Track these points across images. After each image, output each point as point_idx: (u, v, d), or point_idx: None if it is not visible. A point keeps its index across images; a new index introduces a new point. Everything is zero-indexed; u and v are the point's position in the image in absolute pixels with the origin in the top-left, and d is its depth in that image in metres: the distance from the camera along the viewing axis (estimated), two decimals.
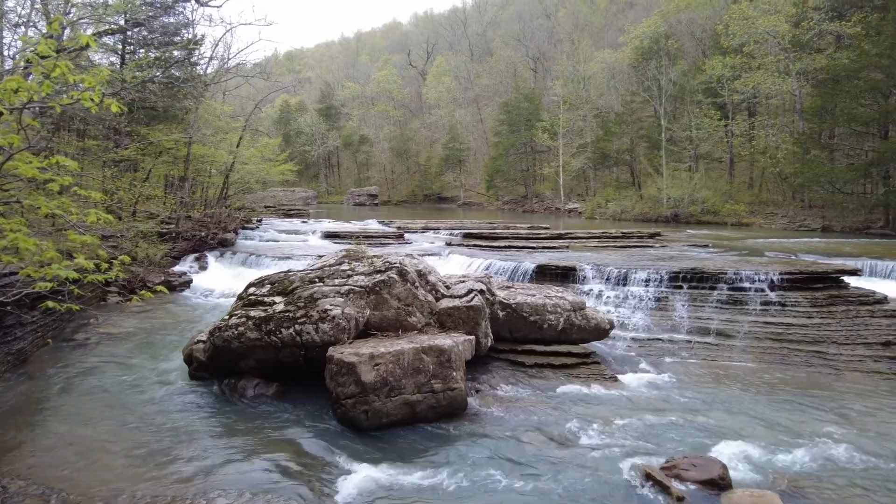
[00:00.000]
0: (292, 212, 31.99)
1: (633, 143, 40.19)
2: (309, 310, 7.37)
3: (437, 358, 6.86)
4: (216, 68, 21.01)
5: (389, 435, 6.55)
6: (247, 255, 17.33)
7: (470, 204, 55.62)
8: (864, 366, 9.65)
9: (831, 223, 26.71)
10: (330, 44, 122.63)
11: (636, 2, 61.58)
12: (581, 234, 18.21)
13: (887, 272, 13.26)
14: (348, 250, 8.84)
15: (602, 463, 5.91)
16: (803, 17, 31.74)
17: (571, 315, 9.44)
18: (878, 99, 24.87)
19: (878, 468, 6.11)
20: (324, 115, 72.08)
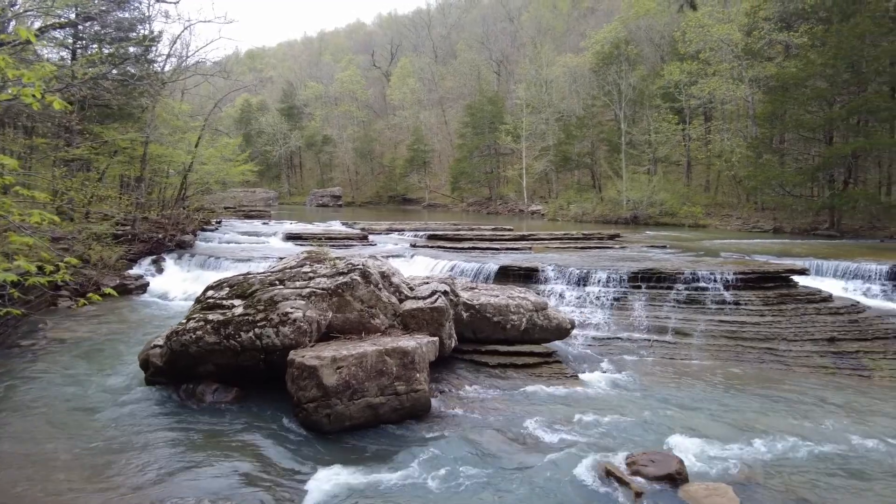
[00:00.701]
0: (253, 213, 31.44)
1: (593, 147, 40.93)
2: (269, 313, 7.25)
3: (400, 360, 6.84)
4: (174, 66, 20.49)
5: (352, 438, 6.50)
6: (206, 257, 16.95)
7: (435, 205, 55.64)
8: (811, 361, 10.06)
9: (782, 224, 27.74)
10: (292, 43, 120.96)
11: (597, 7, 62.73)
12: (543, 235, 18.45)
13: (832, 271, 13.84)
14: (310, 252, 8.73)
15: (563, 460, 5.99)
16: (755, 26, 32.88)
17: (534, 315, 9.55)
18: (823, 106, 25.95)
19: (824, 457, 6.38)
20: (286, 115, 71.02)
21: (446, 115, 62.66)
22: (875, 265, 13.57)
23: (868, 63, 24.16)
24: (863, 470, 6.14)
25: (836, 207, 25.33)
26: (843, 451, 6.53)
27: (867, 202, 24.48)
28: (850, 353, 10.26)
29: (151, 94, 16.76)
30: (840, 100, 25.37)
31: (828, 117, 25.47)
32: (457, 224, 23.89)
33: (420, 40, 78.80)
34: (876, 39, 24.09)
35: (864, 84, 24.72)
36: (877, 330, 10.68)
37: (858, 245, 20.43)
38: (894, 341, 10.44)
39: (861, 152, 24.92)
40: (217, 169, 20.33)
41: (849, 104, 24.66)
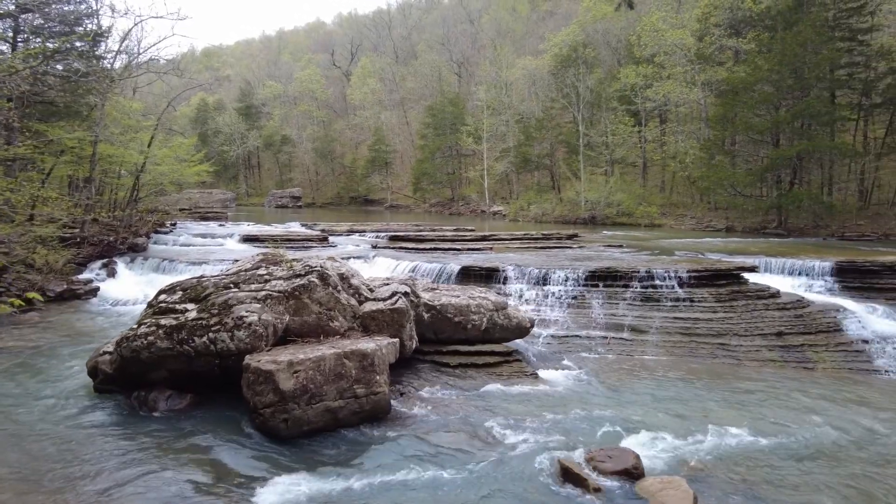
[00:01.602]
0: (209, 214, 30.67)
1: (552, 148, 41.50)
2: (223, 317, 7.08)
3: (359, 362, 6.77)
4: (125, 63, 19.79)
5: (311, 443, 6.40)
6: (160, 260, 16.46)
7: (397, 206, 55.40)
8: (760, 355, 10.44)
9: (734, 224, 28.71)
10: (251, 42, 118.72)
11: (556, 11, 63.64)
12: (504, 235, 18.58)
13: (780, 269, 14.39)
14: (266, 254, 8.56)
15: (522, 459, 6.04)
16: (706, 32, 33.95)
17: (494, 315, 9.61)
18: (770, 110, 26.98)
19: (772, 447, 6.61)
20: (243, 115, 69.58)
21: (408, 115, 62.49)
22: (818, 262, 14.17)
23: (810, 69, 25.24)
24: (808, 457, 6.40)
25: (783, 207, 26.36)
26: (790, 441, 6.79)
27: (811, 202, 25.57)
28: (796, 346, 10.69)
29: (100, 91, 16.14)
30: (785, 104, 26.43)
31: (774, 120, 26.49)
32: (419, 225, 23.84)
33: (380, 40, 78.40)
34: (817, 47, 25.20)
35: (807, 89, 25.82)
36: (819, 324, 11.16)
37: (804, 243, 21.33)
38: (835, 334, 10.93)
39: (805, 154, 26.00)
40: (171, 169, 19.72)
41: (793, 108, 25.72)
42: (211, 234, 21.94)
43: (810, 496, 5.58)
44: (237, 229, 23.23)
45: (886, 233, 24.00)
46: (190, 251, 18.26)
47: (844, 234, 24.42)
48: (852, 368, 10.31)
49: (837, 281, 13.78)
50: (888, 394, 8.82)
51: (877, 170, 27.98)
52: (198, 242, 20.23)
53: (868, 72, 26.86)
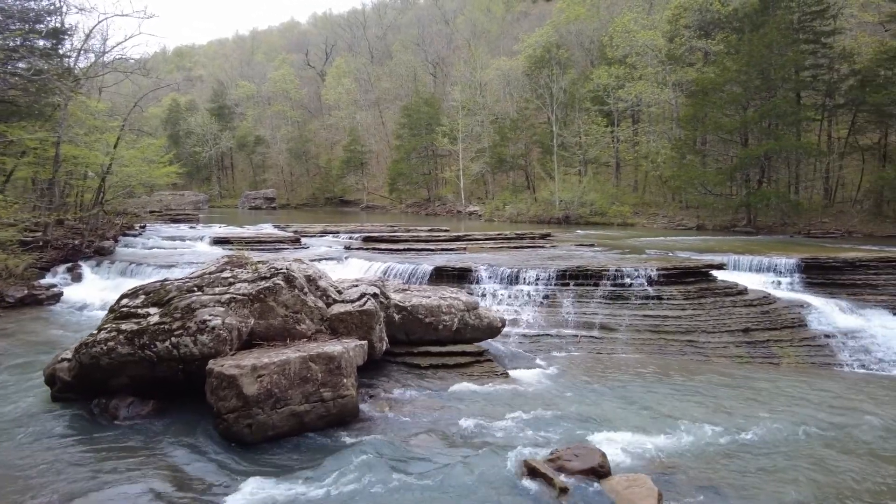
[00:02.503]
0: (180, 217, 30.15)
1: (527, 149, 41.72)
2: (186, 321, 6.93)
3: (326, 366, 6.68)
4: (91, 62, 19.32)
5: (276, 448, 6.29)
6: (127, 263, 16.10)
7: (373, 207, 55.11)
8: (728, 351, 10.61)
9: (704, 222, 29.19)
10: (223, 41, 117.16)
11: (530, 12, 64.06)
12: (478, 235, 18.60)
13: (747, 266, 14.66)
14: (231, 256, 8.41)
15: (490, 459, 6.02)
16: (676, 33, 34.49)
17: (465, 315, 9.59)
18: (738, 110, 27.52)
19: (737, 442, 6.70)
20: (216, 115, 68.53)
21: (383, 115, 62.24)
22: (784, 259, 14.48)
23: (776, 70, 25.79)
24: (771, 451, 6.49)
25: (752, 205, 26.88)
26: (755, 436, 6.88)
27: (779, 200, 26.12)
28: (762, 342, 10.91)
29: (63, 90, 15.72)
30: (753, 104, 26.97)
31: (743, 120, 27.01)
32: (393, 226, 23.75)
33: (355, 41, 77.97)
34: (782, 49, 25.77)
35: (774, 90, 26.38)
36: (785, 320, 11.40)
37: (771, 240, 21.77)
38: (799, 329, 11.17)
39: (772, 153, 26.56)
40: (139, 171, 19.29)
41: (760, 108, 26.25)
42: (181, 236, 21.58)
43: (773, 491, 5.67)
44: (208, 231, 22.88)
45: (849, 230, 24.63)
46: (159, 254, 17.92)
47: (810, 232, 25.00)
48: (815, 363, 10.55)
49: (802, 277, 14.11)
50: (849, 387, 9.02)
51: (840, 168, 28.74)
52: (167, 245, 19.87)
53: (831, 73, 27.57)
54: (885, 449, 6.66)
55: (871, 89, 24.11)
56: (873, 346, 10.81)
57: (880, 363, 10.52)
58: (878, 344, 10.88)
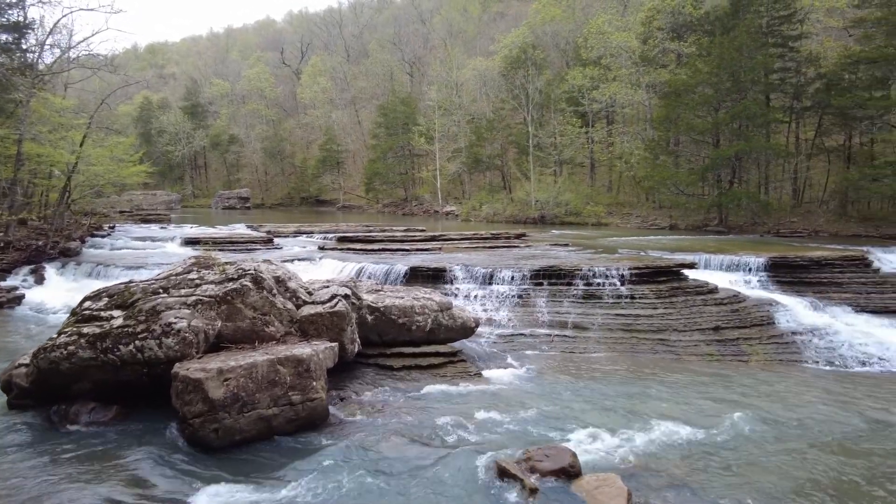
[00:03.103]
0: (151, 217, 29.55)
1: (503, 149, 41.85)
2: (151, 324, 6.75)
3: (294, 368, 6.57)
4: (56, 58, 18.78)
5: (243, 453, 6.17)
6: (94, 265, 15.72)
7: (350, 207, 54.72)
8: (698, 350, 10.74)
9: (677, 222, 29.59)
10: (197, 39, 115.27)
11: (507, 12, 64.24)
12: (454, 235, 18.58)
13: (718, 265, 14.88)
14: (198, 257, 8.24)
15: (461, 461, 5.98)
16: (650, 35, 34.92)
17: (439, 315, 9.54)
18: (710, 111, 27.98)
19: (707, 440, 6.77)
20: (189, 113, 67.35)
21: (360, 115, 61.85)
22: (754, 258, 14.74)
23: (746, 73, 26.27)
24: (740, 448, 6.57)
25: (723, 205, 27.33)
26: (724, 433, 6.96)
27: (749, 200, 26.60)
28: (732, 340, 11.07)
29: (24, 86, 15.25)
30: (724, 106, 27.43)
31: (714, 122, 27.46)
32: (369, 225, 23.59)
33: (331, 39, 77.38)
34: (752, 52, 26.26)
35: (744, 92, 26.87)
36: (754, 318, 11.59)
37: (742, 240, 22.16)
38: (768, 327, 11.37)
39: (743, 154, 27.05)
40: (107, 170, 18.82)
41: (731, 110, 26.70)
42: (151, 237, 21.15)
43: (741, 487, 5.73)
44: (179, 232, 22.46)
45: (816, 229, 25.21)
46: (128, 255, 17.52)
47: (779, 231, 25.52)
48: (783, 360, 10.75)
49: (771, 276, 14.38)
50: (814, 384, 9.20)
51: (808, 169, 29.41)
52: (136, 246, 19.44)
53: (798, 77, 28.20)
54: (849, 443, 6.79)
55: (835, 93, 24.71)
56: (838, 343, 11.06)
57: (844, 359, 10.76)
58: (842, 341, 11.13)
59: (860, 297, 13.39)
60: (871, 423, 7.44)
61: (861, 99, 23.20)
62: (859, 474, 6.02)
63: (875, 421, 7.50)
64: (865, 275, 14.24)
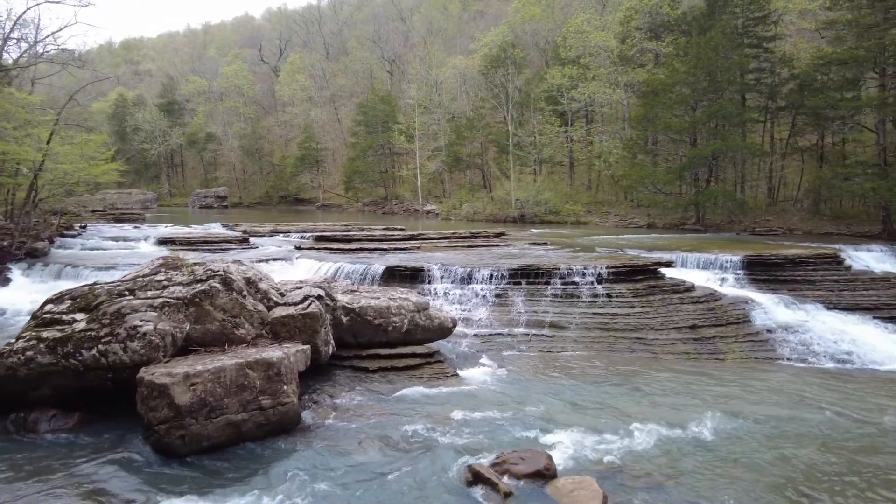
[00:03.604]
0: (125, 216, 28.91)
1: (483, 148, 41.83)
2: (115, 327, 6.53)
3: (264, 372, 6.40)
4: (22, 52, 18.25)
5: (211, 460, 5.98)
6: (62, 266, 15.26)
7: (329, 206, 54.25)
8: (675, 348, 10.77)
9: (655, 220, 29.84)
10: (174, 35, 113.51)
11: (486, 11, 64.21)
12: (433, 234, 18.46)
13: (695, 263, 14.98)
14: (166, 258, 8.00)
15: (435, 465, 5.87)
16: (628, 35, 35.15)
17: (416, 316, 9.43)
18: (687, 110, 28.24)
19: (684, 440, 6.74)
20: (165, 111, 66.18)
21: (339, 112, 61.32)
22: (730, 256, 14.87)
23: (722, 73, 26.55)
24: (716, 448, 6.55)
25: (700, 204, 27.61)
26: (701, 433, 6.94)
27: (725, 199, 26.92)
28: (708, 338, 11.12)
29: None
30: (701, 105, 27.71)
31: (691, 121, 27.71)
32: (347, 224, 23.35)
33: (310, 36, 76.63)
34: (727, 52, 26.55)
35: (720, 91, 27.16)
36: (730, 316, 11.66)
37: (719, 238, 22.39)
38: (743, 325, 11.45)
39: (719, 153, 27.35)
40: (76, 168, 18.31)
41: (708, 109, 26.97)
42: (124, 236, 20.66)
43: (719, 487, 5.70)
44: (153, 231, 21.98)
45: (790, 227, 25.60)
46: (98, 255, 17.07)
47: (755, 230, 25.85)
48: (758, 357, 10.83)
49: (747, 274, 14.52)
50: (788, 381, 9.27)
51: (782, 168, 29.86)
52: (108, 246, 18.96)
53: (773, 77, 28.59)
54: (824, 440, 6.82)
55: (808, 93, 25.09)
56: (811, 340, 11.18)
57: (817, 356, 10.88)
58: (814, 338, 11.25)
59: (832, 294, 13.58)
60: (844, 419, 7.50)
61: (833, 99, 23.58)
62: (834, 471, 6.04)
63: (847, 417, 7.56)
64: (838, 272, 14.46)
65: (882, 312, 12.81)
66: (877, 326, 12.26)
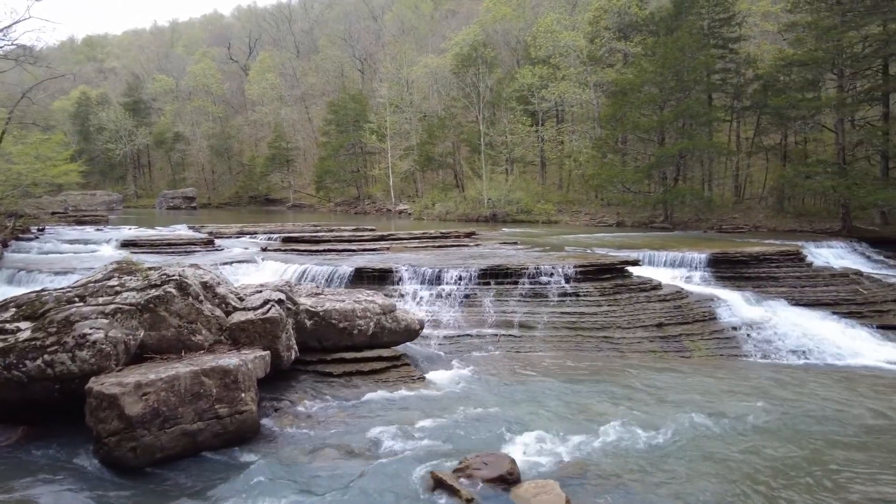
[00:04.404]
0: (86, 218, 28.01)
1: (454, 147, 41.77)
2: (63, 335, 6.25)
3: (221, 380, 6.20)
4: None
5: (165, 472, 5.77)
6: (15, 270, 14.65)
7: (301, 206, 53.58)
8: (642, 346, 10.83)
9: (624, 219, 30.16)
10: (140, 32, 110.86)
11: (458, 10, 64.22)
12: (403, 235, 18.31)
13: (662, 261, 15.14)
14: (120, 262, 7.72)
15: (397, 472, 5.75)
16: (597, 34, 35.47)
17: (382, 318, 9.28)
18: (655, 110, 28.61)
19: (650, 441, 6.73)
20: (131, 110, 64.51)
21: (310, 111, 60.63)
22: (696, 254, 15.06)
23: (688, 73, 26.95)
24: (682, 448, 6.56)
25: (668, 202, 27.99)
26: (666, 433, 6.94)
27: (693, 197, 27.33)
28: (675, 336, 11.21)
29: None
30: (669, 105, 28.08)
31: (659, 120, 28.07)
32: (317, 225, 23.03)
33: (281, 35, 75.64)
34: (694, 52, 26.95)
35: (687, 91, 27.57)
36: (696, 314, 11.78)
37: (686, 236, 22.70)
38: (709, 323, 11.58)
39: (686, 152, 27.76)
40: (30, 169, 17.67)
41: (675, 109, 27.35)
42: (85, 239, 19.99)
43: (681, 486, 5.70)
44: (116, 234, 21.34)
45: (756, 225, 26.10)
46: (56, 259, 16.47)
47: (722, 227, 26.29)
48: (724, 355, 10.96)
49: (712, 271, 14.73)
50: (753, 378, 9.38)
51: (748, 167, 30.46)
52: (67, 249, 18.31)
53: (738, 77, 29.13)
54: (787, 436, 6.89)
55: (772, 94, 25.61)
56: (774, 337, 11.37)
57: (780, 352, 11.06)
58: (777, 334, 11.45)
59: (795, 290, 13.86)
60: (805, 415, 7.60)
61: (794, 100, 24.10)
62: (798, 466, 6.10)
63: (807, 412, 7.67)
64: (800, 269, 14.77)
65: (841, 308, 13.11)
66: (836, 322, 12.53)
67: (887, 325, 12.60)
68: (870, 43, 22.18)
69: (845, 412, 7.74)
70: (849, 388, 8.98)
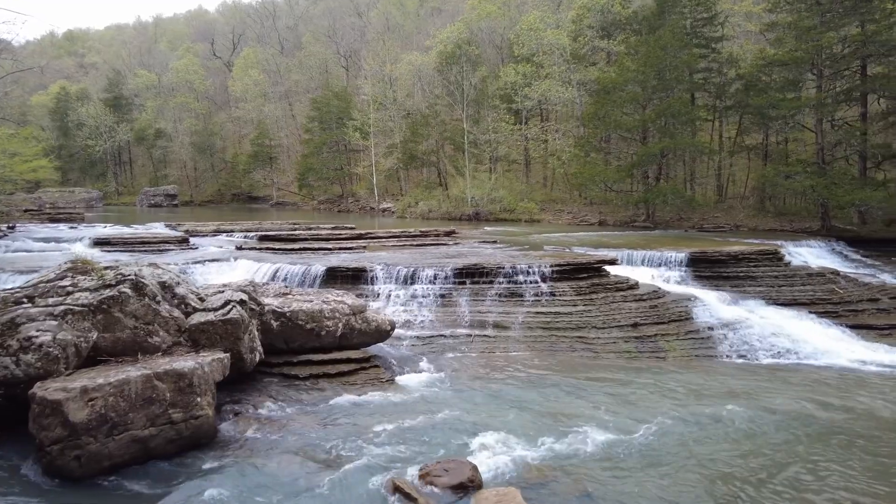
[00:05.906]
0: (60, 216, 27.39)
1: (438, 145, 41.53)
2: (7, 338, 5.99)
3: (175, 384, 5.98)
4: None
5: (113, 481, 5.55)
6: None
7: (284, 203, 53.02)
8: (617, 347, 10.71)
9: (606, 218, 30.12)
10: (123, 27, 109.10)
11: (443, 8, 63.90)
12: (381, 233, 18.10)
13: (641, 260, 15.05)
14: (74, 262, 7.44)
15: (357, 479, 5.58)
16: (580, 33, 35.40)
17: (351, 319, 9.08)
18: (637, 109, 28.58)
19: (618, 444, 6.60)
20: (112, 106, 63.41)
21: (293, 108, 60.04)
22: (675, 253, 14.99)
23: (671, 72, 26.96)
24: (651, 452, 6.44)
25: (650, 201, 27.97)
26: (636, 437, 6.81)
27: (674, 196, 27.33)
28: (650, 336, 11.11)
29: None
30: (651, 104, 28.06)
31: (642, 119, 28.04)
32: (295, 223, 22.70)
33: (265, 31, 74.86)
34: (676, 52, 26.96)
35: (670, 90, 27.58)
36: (672, 314, 11.69)
37: (667, 235, 22.68)
38: (685, 323, 11.49)
39: (668, 151, 27.78)
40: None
41: (657, 107, 27.35)
42: (57, 237, 19.52)
43: (644, 491, 5.58)
44: (90, 232, 20.87)
45: (737, 224, 26.20)
46: (23, 258, 16.02)
47: (703, 226, 26.35)
48: (699, 355, 10.87)
49: (691, 271, 14.68)
50: (727, 380, 9.29)
51: (731, 166, 30.57)
52: (37, 247, 17.86)
53: (721, 77, 29.21)
54: (758, 437, 6.82)
55: (753, 93, 25.69)
56: (749, 337, 11.31)
57: (756, 353, 11.01)
58: (753, 334, 11.39)
59: (772, 290, 13.85)
60: (776, 417, 7.51)
61: (775, 99, 24.20)
62: (767, 468, 6.02)
63: (778, 414, 7.59)
64: (778, 268, 14.76)
65: (817, 307, 13.11)
66: (813, 321, 12.52)
67: (861, 324, 12.62)
68: (848, 44, 22.32)
69: (814, 414, 7.67)
70: (820, 388, 8.93)
